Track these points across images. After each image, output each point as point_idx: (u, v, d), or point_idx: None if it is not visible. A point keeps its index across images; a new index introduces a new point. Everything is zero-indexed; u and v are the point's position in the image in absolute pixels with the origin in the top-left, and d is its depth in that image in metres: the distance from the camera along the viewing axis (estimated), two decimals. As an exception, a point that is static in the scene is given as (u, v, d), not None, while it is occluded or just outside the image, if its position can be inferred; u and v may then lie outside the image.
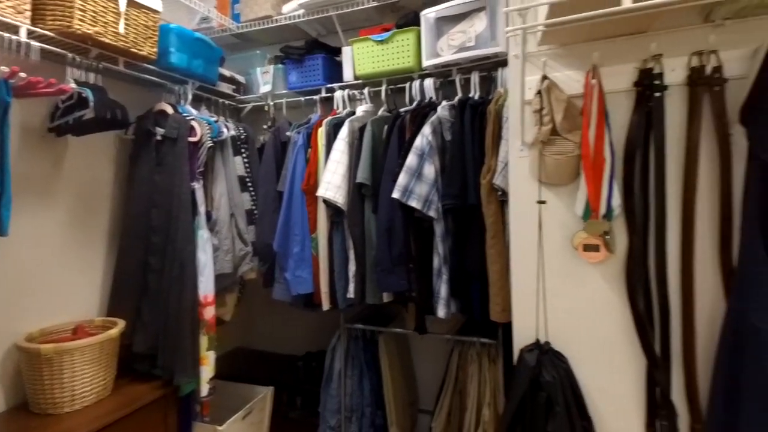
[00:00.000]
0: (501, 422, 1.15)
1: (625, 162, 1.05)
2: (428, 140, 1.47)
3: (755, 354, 0.87)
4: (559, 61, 1.14)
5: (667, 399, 1.01)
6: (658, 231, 1.02)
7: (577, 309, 1.12)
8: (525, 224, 1.19)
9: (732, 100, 0.95)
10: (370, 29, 1.71)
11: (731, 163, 0.95)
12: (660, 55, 1.01)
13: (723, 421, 0.93)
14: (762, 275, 0.86)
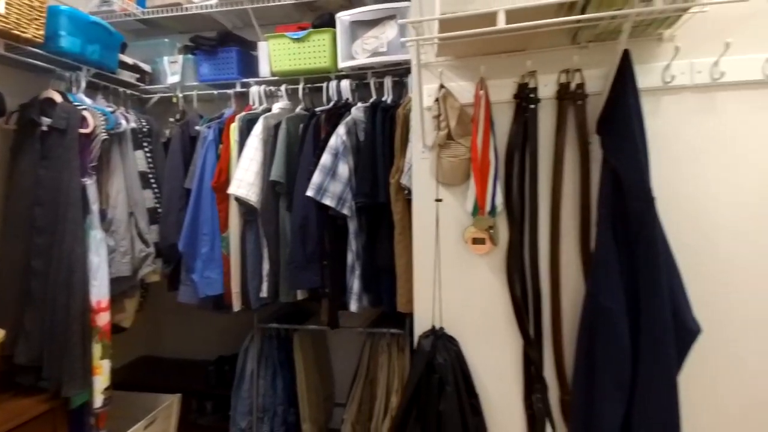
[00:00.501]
0: (399, 405, 1.22)
1: (506, 165, 1.19)
2: (343, 140, 1.52)
3: (605, 331, 1.03)
4: (454, 72, 1.25)
5: (539, 374, 1.15)
6: (531, 226, 1.16)
7: (467, 296, 1.24)
8: (425, 220, 1.29)
9: (592, 113, 1.12)
10: (286, 26, 1.71)
11: (590, 167, 1.12)
12: (535, 71, 1.15)
13: (584, 392, 1.08)
14: (610, 261, 1.02)
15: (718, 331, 1.05)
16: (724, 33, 1.02)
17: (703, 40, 1.04)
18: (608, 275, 1.03)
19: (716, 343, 1.05)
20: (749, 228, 1.04)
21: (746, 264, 1.04)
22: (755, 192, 1.04)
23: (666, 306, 0.95)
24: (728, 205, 1.05)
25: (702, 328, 0.97)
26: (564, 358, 1.15)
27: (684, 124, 1.07)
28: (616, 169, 1.01)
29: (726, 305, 1.05)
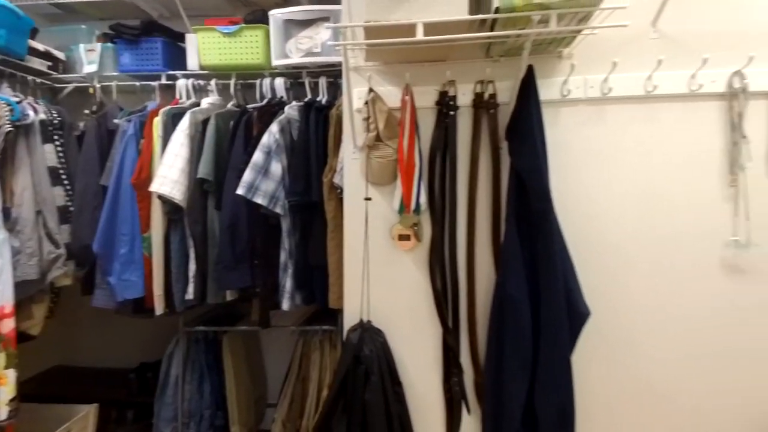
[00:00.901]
0: (326, 398, 1.25)
1: (429, 166, 1.27)
2: (275, 138, 1.52)
3: (511, 317, 1.14)
4: (382, 76, 1.31)
5: (457, 360, 1.24)
6: (451, 223, 1.25)
7: (393, 290, 1.30)
8: (355, 218, 1.33)
9: (502, 121, 1.23)
10: (216, 19, 1.68)
11: (500, 170, 1.23)
12: (454, 81, 1.24)
13: (494, 374, 1.18)
14: (515, 254, 1.14)
15: (606, 314, 1.20)
16: (612, 53, 1.18)
17: (595, 59, 1.19)
18: (514, 266, 1.15)
19: (605, 325, 1.20)
20: (632, 223, 1.21)
21: (630, 254, 1.21)
22: (637, 191, 1.20)
23: (561, 293, 1.08)
24: (614, 203, 1.21)
25: (591, 312, 1.11)
26: (478, 344, 1.25)
27: (578, 132, 1.22)
28: (520, 172, 1.13)
29: (613, 290, 1.21)
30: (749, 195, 1.16)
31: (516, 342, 1.14)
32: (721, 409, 1.19)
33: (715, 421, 1.19)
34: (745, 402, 1.18)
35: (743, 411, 1.18)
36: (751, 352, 1.17)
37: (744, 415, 1.18)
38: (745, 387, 1.17)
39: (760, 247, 1.15)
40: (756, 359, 1.17)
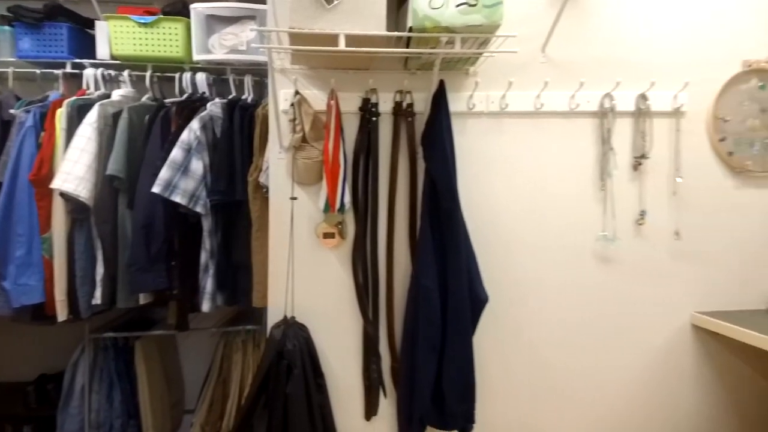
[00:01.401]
0: (248, 395, 1.27)
1: (353, 168, 1.34)
2: (196, 135, 1.49)
3: (424, 305, 1.26)
4: (308, 80, 1.36)
5: (375, 348, 1.34)
6: (373, 221, 1.34)
7: (318, 286, 1.36)
8: (281, 217, 1.36)
9: (419, 129, 1.35)
10: (130, 7, 1.60)
11: (417, 173, 1.35)
12: (375, 89, 1.33)
13: (408, 358, 1.29)
14: (428, 248, 1.26)
15: (501, 298, 1.38)
16: (509, 74, 1.36)
17: (496, 78, 1.37)
18: (427, 260, 1.27)
19: (500, 308, 1.38)
20: (524, 219, 1.40)
21: (522, 246, 1.40)
22: (528, 192, 1.39)
23: (465, 283, 1.22)
24: (510, 202, 1.39)
25: (489, 297, 1.27)
26: (395, 332, 1.35)
27: (482, 141, 1.38)
28: (432, 175, 1.26)
29: (507, 278, 1.39)
30: (615, 197, 1.41)
31: (427, 328, 1.26)
32: (591, 367, 1.42)
33: (586, 377, 1.42)
34: (609, 359, 1.42)
35: (607, 366, 1.42)
36: (613, 320, 1.42)
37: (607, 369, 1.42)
38: (608, 347, 1.42)
39: (622, 241, 1.40)
40: (617, 326, 1.42)
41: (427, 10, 1.08)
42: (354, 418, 1.39)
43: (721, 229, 1.42)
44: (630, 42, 1.40)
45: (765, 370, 1.44)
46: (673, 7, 1.40)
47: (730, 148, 1.42)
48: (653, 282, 1.41)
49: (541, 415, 1.42)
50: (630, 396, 1.43)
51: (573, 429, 1.43)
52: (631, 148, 1.41)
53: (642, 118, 1.40)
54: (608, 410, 1.43)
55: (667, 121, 1.41)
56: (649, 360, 1.42)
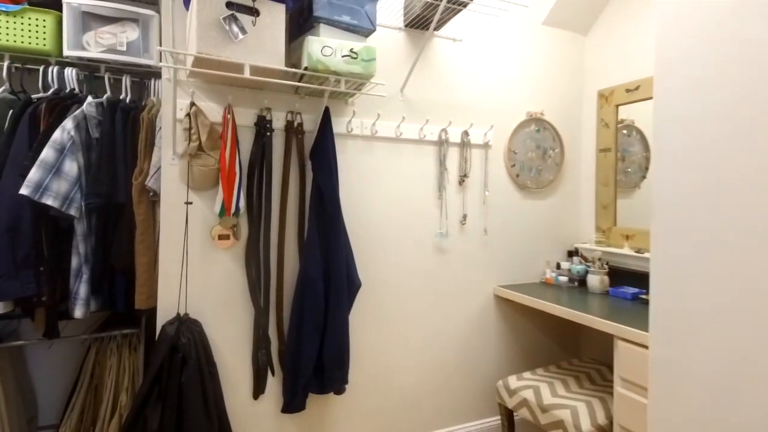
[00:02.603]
0: (140, 390, 1.34)
1: (248, 176, 1.53)
2: (70, 135, 1.44)
3: (309, 293, 1.53)
4: (205, 93, 1.49)
5: (265, 334, 1.55)
6: (266, 223, 1.55)
7: (212, 283, 1.50)
8: (174, 220, 1.45)
9: (307, 144, 1.61)
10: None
11: (306, 182, 1.61)
12: (270, 108, 1.54)
13: (294, 338, 1.55)
14: (314, 245, 1.54)
15: (370, 283, 1.75)
16: (378, 108, 1.73)
17: (368, 110, 1.73)
18: (313, 255, 1.54)
19: (369, 290, 1.75)
20: (388, 220, 1.79)
21: (386, 241, 1.79)
22: (389, 198, 1.79)
23: (343, 272, 1.55)
24: (378, 207, 1.77)
25: (362, 283, 1.62)
26: (283, 319, 1.59)
27: (358, 158, 1.72)
28: (319, 184, 1.54)
29: (374, 266, 1.77)
30: (447, 204, 1.92)
31: (312, 311, 1.54)
32: (429, 324, 1.89)
33: (425, 330, 1.90)
34: (441, 318, 1.93)
35: (439, 323, 1.93)
36: (444, 291, 1.93)
37: (440, 325, 1.93)
38: (441, 310, 1.92)
39: (452, 236, 1.92)
40: (447, 294, 1.94)
41: (319, 55, 1.36)
42: (243, 398, 1.57)
43: (512, 227, 2.07)
44: (459, 93, 1.93)
45: (538, 322, 2.15)
46: (485, 73, 1.99)
47: (518, 172, 2.08)
48: (470, 265, 1.98)
49: (393, 362, 1.83)
50: (454, 342, 1.96)
51: (415, 368, 1.88)
52: (458, 169, 1.94)
53: (465, 148, 1.94)
54: (439, 352, 1.92)
55: (480, 151, 1.99)
56: (467, 317, 1.98)
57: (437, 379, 1.91)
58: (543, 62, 2.12)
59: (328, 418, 1.70)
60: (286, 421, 1.63)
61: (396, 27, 1.78)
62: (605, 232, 2.07)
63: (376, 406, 1.79)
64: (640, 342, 1.34)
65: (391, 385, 1.82)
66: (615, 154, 2.02)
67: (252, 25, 1.27)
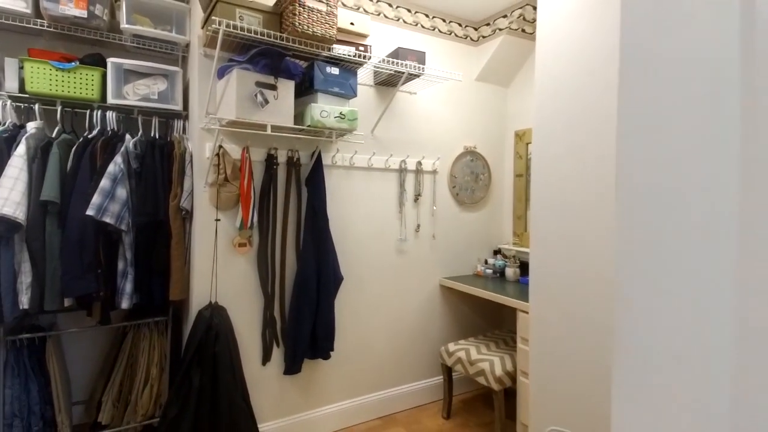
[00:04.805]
0: (184, 355, 1.84)
1: (260, 199, 2.04)
2: (121, 168, 1.87)
3: (304, 286, 2.08)
4: (228, 137, 1.97)
5: (272, 316, 2.09)
6: (272, 234, 2.07)
7: (233, 279, 2.01)
8: (206, 233, 1.94)
9: (303, 174, 2.15)
10: (43, 51, 1.79)
11: (301, 202, 2.15)
12: (276, 147, 2.06)
13: (294, 319, 2.09)
14: (309, 251, 2.09)
15: (350, 277, 2.33)
16: (355, 146, 2.30)
17: (347, 147, 2.29)
18: (308, 258, 2.10)
19: (350, 282, 2.33)
20: (362, 230, 2.38)
21: (362, 246, 2.38)
22: (363, 213, 2.38)
23: (331, 270, 2.12)
24: (355, 219, 2.35)
25: (344, 277, 2.21)
26: (285, 305, 2.14)
27: (340, 183, 2.29)
28: (313, 204, 2.09)
29: (353, 264, 2.35)
30: (406, 217, 2.54)
31: (307, 298, 2.10)
32: (392, 305, 2.53)
33: (389, 309, 2.53)
34: (401, 301, 2.57)
35: (399, 305, 2.57)
36: (403, 282, 2.57)
37: (399, 306, 2.57)
38: (400, 296, 2.56)
39: (409, 241, 2.55)
40: (405, 285, 2.58)
41: (319, 117, 1.91)
42: (255, 365, 2.10)
43: (453, 233, 2.75)
44: (415, 133, 2.55)
45: (471, 303, 2.85)
46: (433, 117, 2.62)
47: (458, 191, 2.75)
48: (422, 262, 2.62)
49: (366, 335, 2.44)
50: (410, 319, 2.60)
51: (382, 339, 2.51)
52: (414, 189, 2.57)
53: (419, 174, 2.57)
54: (399, 327, 2.56)
55: (430, 176, 2.63)
56: (419, 301, 2.63)
57: (398, 348, 2.55)
58: (476, 108, 2.79)
59: (317, 377, 2.28)
60: (286, 381, 2.18)
61: (369, 84, 2.35)
62: (519, 236, 2.80)
63: (353, 368, 2.39)
64: (527, 310, 2.05)
65: (364, 352, 2.42)
66: (526, 179, 2.76)
67: (274, 98, 1.79)
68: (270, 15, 1.74)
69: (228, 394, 1.89)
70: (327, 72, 1.96)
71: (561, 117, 1.64)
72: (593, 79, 1.53)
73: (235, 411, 1.91)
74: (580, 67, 1.58)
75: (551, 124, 1.68)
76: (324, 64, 1.95)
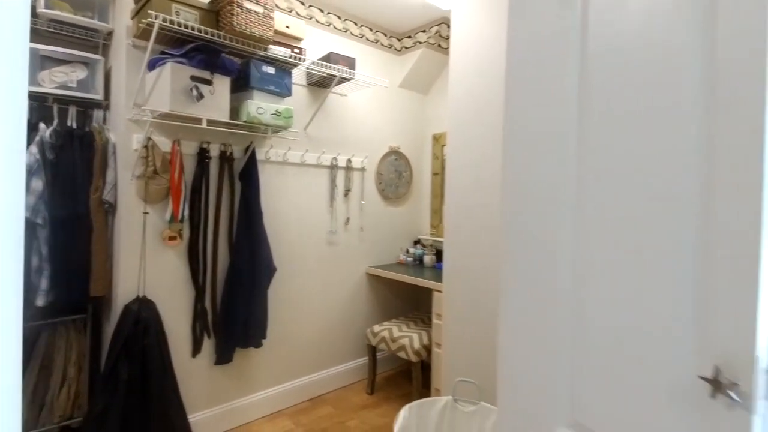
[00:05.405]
0: (110, 350, 1.82)
1: (192, 192, 2.06)
2: (36, 158, 1.77)
3: (238, 276, 2.15)
4: (158, 130, 1.96)
5: (203, 308, 2.13)
6: (204, 227, 2.11)
7: (163, 273, 2.01)
8: (133, 226, 1.91)
9: (237, 168, 2.20)
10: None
11: (234, 196, 2.20)
12: (209, 141, 2.09)
13: (226, 310, 2.16)
14: (243, 242, 2.16)
15: (283, 268, 2.44)
16: (289, 142, 2.40)
17: (281, 143, 2.38)
18: (242, 249, 2.17)
19: (282, 273, 2.44)
20: (295, 222, 2.49)
21: (294, 237, 2.49)
22: (297, 206, 2.49)
23: (264, 261, 2.22)
24: (288, 212, 2.46)
25: (277, 268, 2.31)
26: (216, 297, 2.18)
27: (274, 178, 2.38)
28: (247, 197, 2.17)
29: (285, 256, 2.46)
30: (336, 211, 2.71)
31: (241, 289, 2.17)
32: (323, 292, 2.70)
33: (319, 295, 2.69)
34: (330, 288, 2.74)
35: (330, 291, 2.74)
36: (334, 270, 2.74)
37: (330, 292, 2.74)
38: (330, 283, 2.73)
39: (339, 233, 2.73)
40: (336, 273, 2.75)
41: (255, 114, 1.99)
42: (184, 357, 2.11)
43: (380, 225, 2.98)
44: (345, 132, 2.72)
45: (394, 289, 3.11)
46: (362, 118, 2.82)
47: (383, 188, 2.98)
48: (351, 252, 2.82)
49: (298, 322, 2.57)
50: (340, 305, 2.79)
51: (313, 325, 2.66)
52: (344, 185, 2.75)
53: (348, 171, 2.75)
54: (330, 312, 2.74)
55: (359, 173, 2.83)
56: (348, 288, 2.83)
57: (327, 333, 2.72)
58: (400, 112, 3.05)
59: (249, 365, 2.36)
60: (217, 371, 2.23)
61: (302, 84, 2.47)
62: (436, 227, 3.13)
63: (284, 354, 2.50)
64: (441, 289, 2.36)
65: (295, 338, 2.55)
66: (441, 177, 3.09)
67: (210, 93, 1.84)
68: (206, 12, 1.78)
69: (158, 386, 1.90)
70: (263, 71, 2.04)
71: (470, 125, 1.94)
72: (495, 94, 1.85)
73: (164, 402, 1.93)
74: (486, 83, 1.88)
75: (462, 131, 1.98)
76: (260, 62, 2.04)
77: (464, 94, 1.98)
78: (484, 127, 1.89)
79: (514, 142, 0.96)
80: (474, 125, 1.94)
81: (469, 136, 1.95)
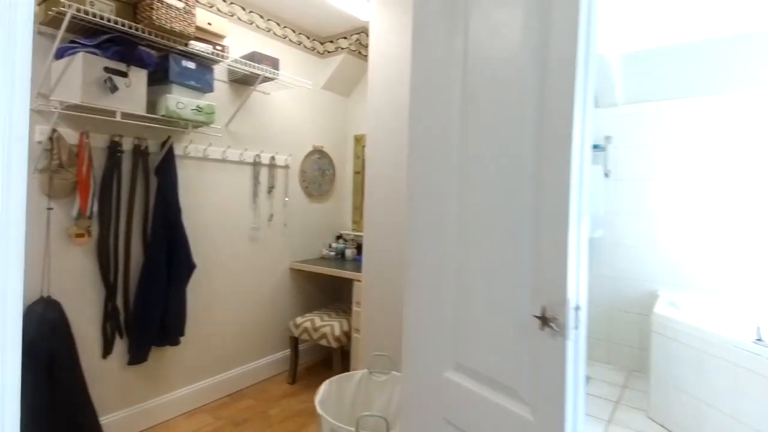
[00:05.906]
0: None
1: (102, 187, 1.97)
2: None
3: (153, 274, 2.12)
4: (64, 121, 1.85)
5: (114, 308, 2.05)
6: (115, 223, 2.03)
7: (70, 272, 1.91)
8: (36, 223, 1.80)
9: (152, 163, 2.14)
10: None
11: (150, 191, 2.15)
12: (122, 134, 2.02)
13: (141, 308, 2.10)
14: (160, 238, 2.13)
15: (202, 265, 2.43)
16: (212, 139, 2.39)
17: (202, 138, 2.37)
18: (158, 247, 2.14)
19: (201, 270, 2.43)
20: (217, 218, 2.49)
21: (216, 234, 2.49)
22: (219, 203, 2.49)
23: (182, 258, 2.20)
24: (209, 208, 2.45)
25: (197, 265, 2.31)
26: (129, 295, 2.12)
27: (193, 174, 2.35)
28: (164, 193, 2.13)
29: (207, 251, 2.46)
30: (259, 207, 2.75)
31: (157, 286, 2.14)
32: (246, 287, 2.73)
33: (240, 291, 2.72)
34: (253, 282, 2.78)
35: (252, 287, 2.78)
36: (257, 265, 2.78)
37: (252, 288, 2.78)
38: (252, 278, 2.77)
39: (262, 229, 2.77)
40: (259, 268, 2.80)
41: (174, 107, 1.98)
42: (94, 358, 2.03)
43: (303, 222, 3.07)
44: (268, 130, 2.77)
45: (317, 282, 3.23)
46: (286, 117, 2.89)
47: (307, 185, 3.08)
48: (274, 248, 2.88)
49: (218, 318, 2.58)
50: (263, 301, 2.84)
51: (234, 321, 2.68)
52: (268, 182, 2.79)
53: (272, 168, 2.81)
54: (252, 308, 2.78)
55: (283, 170, 2.89)
56: (271, 283, 2.89)
57: (249, 327, 2.75)
58: (323, 113, 3.17)
59: (165, 364, 2.32)
60: (130, 371, 2.17)
61: (224, 81, 2.47)
62: (357, 223, 3.32)
63: (203, 351, 2.50)
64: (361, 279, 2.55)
65: (215, 335, 2.55)
66: (362, 176, 3.28)
67: (125, 86, 1.79)
68: (124, 5, 1.74)
69: (65, 389, 1.82)
70: (183, 65, 2.03)
71: (387, 128, 2.14)
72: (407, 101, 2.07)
73: (73, 405, 1.85)
74: (402, 90, 2.09)
75: (379, 133, 2.17)
76: (179, 57, 2.02)
77: (382, 99, 2.17)
78: (400, 131, 2.10)
79: (416, 146, 1.16)
80: (391, 129, 2.14)
81: (386, 138, 2.15)
